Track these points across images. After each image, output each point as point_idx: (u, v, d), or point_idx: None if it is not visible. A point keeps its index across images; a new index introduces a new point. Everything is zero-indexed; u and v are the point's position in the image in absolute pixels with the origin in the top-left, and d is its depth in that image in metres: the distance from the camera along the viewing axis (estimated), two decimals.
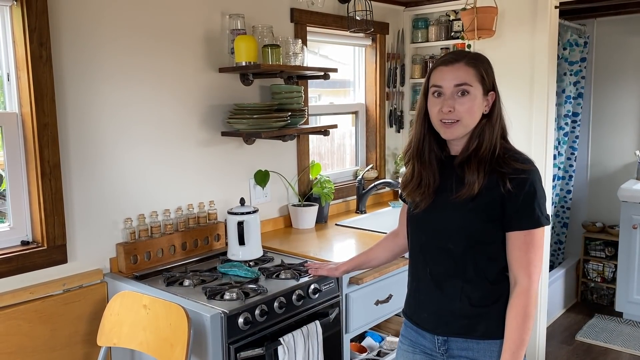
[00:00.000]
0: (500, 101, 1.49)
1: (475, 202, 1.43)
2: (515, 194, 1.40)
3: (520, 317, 1.41)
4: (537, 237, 1.42)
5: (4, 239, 1.87)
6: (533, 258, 1.41)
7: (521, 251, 1.42)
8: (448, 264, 1.50)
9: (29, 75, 1.80)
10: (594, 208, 4.34)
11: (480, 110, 1.46)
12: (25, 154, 1.88)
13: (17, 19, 1.80)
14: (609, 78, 4.17)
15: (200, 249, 2.31)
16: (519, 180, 1.40)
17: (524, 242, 1.41)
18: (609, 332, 3.69)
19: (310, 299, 1.99)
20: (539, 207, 1.42)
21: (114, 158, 2.07)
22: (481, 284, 1.47)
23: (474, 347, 1.47)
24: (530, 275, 1.41)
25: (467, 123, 1.45)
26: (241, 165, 2.55)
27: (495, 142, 1.45)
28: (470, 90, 1.44)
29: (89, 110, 1.99)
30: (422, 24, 3.36)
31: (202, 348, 1.71)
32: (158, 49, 2.17)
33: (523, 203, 1.40)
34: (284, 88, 2.55)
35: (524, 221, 1.41)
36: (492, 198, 1.42)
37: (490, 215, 1.43)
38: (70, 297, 1.94)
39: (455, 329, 1.50)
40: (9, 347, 1.79)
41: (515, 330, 1.41)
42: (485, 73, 1.46)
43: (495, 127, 1.46)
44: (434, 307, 1.53)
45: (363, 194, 3.10)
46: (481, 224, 1.44)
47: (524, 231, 1.41)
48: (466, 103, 1.43)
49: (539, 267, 1.44)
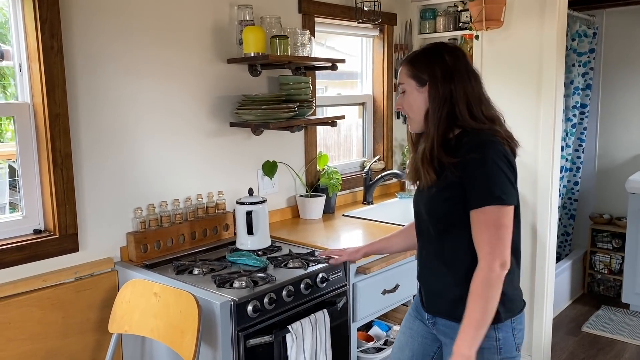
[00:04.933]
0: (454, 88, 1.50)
1: (438, 187, 1.51)
2: (465, 176, 1.45)
3: (476, 297, 1.43)
4: (491, 215, 1.43)
5: (17, 228, 1.90)
6: (489, 237, 1.43)
7: (477, 230, 1.45)
8: (430, 247, 1.61)
9: (41, 66, 1.83)
10: (601, 200, 4.33)
11: (419, 103, 1.55)
12: (37, 144, 1.91)
13: (28, 10, 1.82)
14: (617, 69, 4.15)
15: (209, 239, 2.34)
16: (466, 162, 1.45)
17: (478, 221, 1.45)
18: (616, 323, 3.69)
19: (318, 287, 2.02)
20: (488, 186, 1.43)
21: (125, 148, 2.10)
22: (460, 268, 1.52)
23: (456, 328, 1.49)
24: (486, 255, 1.43)
25: (414, 117, 1.58)
26: (249, 155, 2.57)
27: (434, 132, 1.50)
28: (405, 87, 1.58)
29: (99, 100, 2.01)
30: (430, 15, 3.36)
31: (212, 335, 1.73)
32: (167, 40, 2.18)
33: (473, 183, 1.45)
34: (291, 79, 2.56)
35: (474, 200, 1.45)
36: (449, 181, 1.48)
37: (451, 198, 1.49)
38: (81, 285, 1.97)
39: (440, 310, 1.60)
40: (22, 334, 1.83)
41: (471, 310, 1.43)
42: (418, 69, 1.55)
43: (433, 118, 1.51)
44: (425, 288, 1.67)
45: (370, 185, 3.11)
46: (444, 207, 1.51)
47: (476, 210, 1.44)
48: (405, 99, 1.59)
49: (498, 247, 1.42)
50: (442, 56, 1.54)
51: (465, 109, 1.50)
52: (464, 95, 1.51)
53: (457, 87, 1.51)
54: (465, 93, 1.51)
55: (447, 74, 1.51)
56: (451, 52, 1.55)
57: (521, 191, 3.20)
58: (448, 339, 1.57)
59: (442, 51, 1.55)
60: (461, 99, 1.50)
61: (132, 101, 2.10)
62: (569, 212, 4.25)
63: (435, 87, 1.51)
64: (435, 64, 1.53)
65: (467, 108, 1.50)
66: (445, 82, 1.51)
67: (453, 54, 1.55)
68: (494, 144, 1.47)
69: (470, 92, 1.52)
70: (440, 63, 1.53)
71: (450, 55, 1.54)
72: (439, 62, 1.53)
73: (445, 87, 1.51)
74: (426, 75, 1.53)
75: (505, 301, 1.48)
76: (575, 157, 4.15)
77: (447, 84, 1.51)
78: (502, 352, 1.52)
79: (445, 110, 1.50)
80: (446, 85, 1.51)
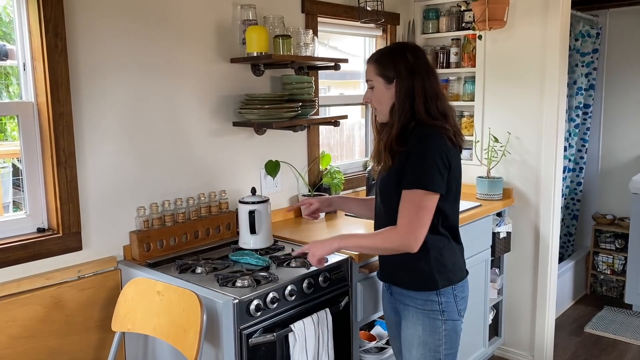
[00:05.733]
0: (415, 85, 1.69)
1: (391, 171, 1.74)
2: (407, 162, 1.66)
3: (373, 236, 1.75)
4: (416, 197, 1.64)
5: (21, 226, 1.91)
6: (410, 213, 1.65)
7: (403, 205, 1.67)
8: (381, 221, 1.83)
9: (45, 65, 1.83)
10: (604, 200, 4.32)
11: (387, 98, 1.74)
12: (41, 143, 1.92)
13: (33, 9, 1.83)
14: (621, 69, 4.14)
15: (211, 238, 2.34)
16: (413, 151, 1.66)
17: (406, 199, 1.66)
18: (618, 324, 3.69)
19: (321, 287, 2.02)
20: (424, 174, 1.64)
21: (128, 147, 2.10)
22: None
23: (405, 294, 1.82)
24: (403, 226, 1.65)
25: (381, 110, 1.78)
26: (252, 155, 2.57)
27: (395, 123, 1.71)
28: (373, 84, 1.77)
29: (103, 99, 2.01)
30: (433, 15, 3.36)
31: (215, 333, 1.74)
32: (171, 39, 2.19)
33: (412, 169, 1.66)
34: (294, 79, 2.56)
35: (408, 183, 1.66)
36: (400, 169, 1.69)
37: (397, 180, 1.70)
38: (84, 283, 1.98)
39: (389, 278, 1.90)
40: (25, 332, 1.84)
41: (365, 236, 1.84)
42: (384, 67, 1.73)
43: (398, 111, 1.70)
44: (379, 259, 1.94)
45: (372, 185, 3.11)
46: (392, 189, 1.72)
47: (407, 190, 1.66)
48: (374, 94, 1.78)
49: (416, 224, 1.64)
50: (405, 55, 1.72)
51: (422, 105, 1.69)
52: (422, 91, 1.69)
53: (417, 83, 1.69)
54: (424, 89, 1.70)
55: (410, 71, 1.70)
56: (413, 51, 1.74)
57: (524, 191, 3.22)
58: (401, 304, 1.85)
59: (405, 50, 1.74)
60: (419, 95, 1.69)
61: (136, 100, 2.11)
62: (571, 213, 4.24)
63: (401, 84, 1.70)
64: (399, 62, 1.71)
65: (423, 104, 1.70)
66: (408, 78, 1.70)
67: (414, 52, 1.73)
68: (436, 138, 1.67)
69: (428, 89, 1.70)
70: (405, 61, 1.71)
71: (412, 54, 1.73)
72: (403, 60, 1.71)
73: (409, 84, 1.69)
74: (392, 72, 1.72)
75: (444, 271, 1.77)
76: (578, 158, 4.14)
77: (409, 80, 1.69)
78: (445, 314, 1.78)
79: (407, 105, 1.70)
80: (409, 81, 1.69)
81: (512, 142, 3.07)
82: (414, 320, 1.80)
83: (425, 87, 1.70)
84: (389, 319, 2.01)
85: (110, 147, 2.05)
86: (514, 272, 3.18)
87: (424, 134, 1.68)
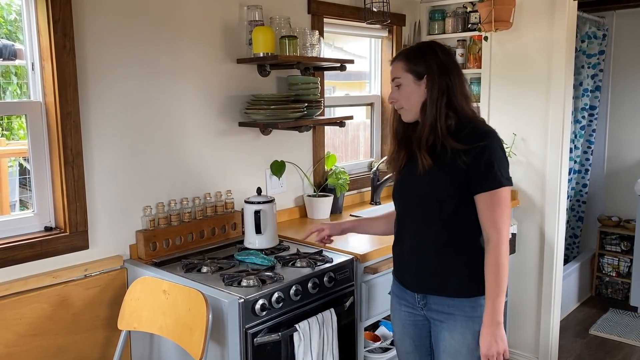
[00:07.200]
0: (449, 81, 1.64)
1: (443, 171, 1.63)
2: (475, 162, 1.59)
3: (494, 268, 1.59)
4: (501, 196, 1.59)
5: (28, 225, 1.93)
6: (500, 215, 1.59)
7: (488, 210, 1.60)
8: (424, 228, 1.70)
9: (53, 65, 1.85)
10: (610, 202, 4.31)
11: (416, 95, 1.66)
12: (48, 142, 1.93)
13: (41, 9, 1.84)
14: (627, 71, 4.13)
15: (217, 237, 2.35)
16: (477, 150, 1.58)
17: (490, 203, 1.59)
18: (624, 326, 3.68)
19: (326, 287, 2.02)
20: (499, 171, 1.59)
21: (135, 147, 2.11)
22: (452, 246, 1.67)
23: (450, 303, 1.68)
24: (499, 231, 1.59)
25: (409, 108, 1.69)
26: (258, 155, 2.58)
27: (435, 120, 1.62)
28: (401, 81, 1.69)
29: (110, 99, 2.03)
30: (439, 16, 3.35)
31: (220, 333, 1.75)
32: (177, 40, 2.20)
33: (484, 169, 1.59)
34: (300, 79, 2.57)
35: (486, 184, 1.59)
36: (456, 167, 1.60)
37: (456, 182, 1.62)
38: (91, 282, 1.99)
39: (431, 287, 1.72)
40: (33, 330, 1.85)
41: (491, 281, 1.60)
42: (414, 63, 1.66)
43: (433, 109, 1.63)
44: (413, 268, 1.75)
45: (378, 186, 3.11)
46: (448, 189, 1.63)
47: (488, 192, 1.59)
48: (401, 93, 1.69)
49: (507, 223, 1.61)
50: (435, 51, 1.68)
51: (464, 100, 1.66)
52: (459, 88, 1.65)
53: (452, 80, 1.64)
54: (460, 86, 1.66)
55: (442, 68, 1.64)
56: (443, 49, 1.70)
57: (530, 193, 3.22)
58: (442, 314, 1.70)
59: (435, 47, 1.70)
60: (458, 92, 1.65)
61: (143, 100, 2.12)
62: (577, 214, 4.23)
63: (433, 80, 1.64)
64: (430, 58, 1.66)
65: (464, 100, 1.66)
66: (441, 75, 1.64)
67: (444, 50, 1.70)
68: (495, 133, 1.64)
69: (462, 86, 1.67)
70: (435, 58, 1.66)
71: (442, 51, 1.69)
72: (433, 57, 1.66)
73: (442, 80, 1.64)
74: (422, 68, 1.65)
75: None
76: (584, 159, 4.13)
77: (443, 77, 1.64)
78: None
79: (444, 101, 1.63)
80: (443, 78, 1.64)
81: (517, 143, 3.07)
82: (461, 330, 1.67)
83: (461, 84, 1.66)
84: (405, 332, 1.83)
85: (117, 146, 2.06)
86: (519, 274, 3.17)
87: (482, 129, 1.63)
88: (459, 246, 1.67)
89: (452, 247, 1.67)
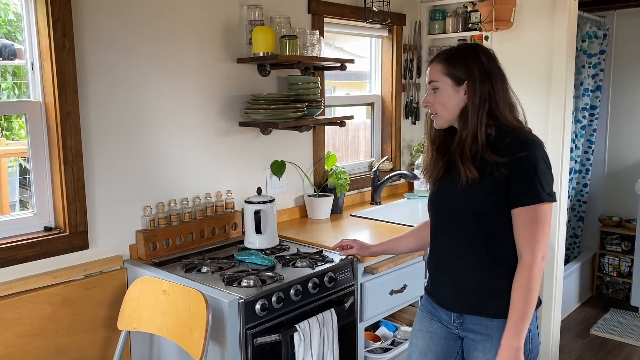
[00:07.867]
0: (491, 88, 1.53)
1: (482, 183, 1.51)
2: (514, 174, 1.47)
3: (523, 290, 1.47)
4: (540, 213, 1.46)
5: (28, 225, 1.92)
6: (536, 233, 1.46)
7: (524, 226, 1.48)
8: (462, 243, 1.58)
9: (53, 64, 1.84)
10: (610, 202, 4.30)
11: (454, 101, 1.55)
12: (48, 142, 1.93)
13: (41, 9, 1.84)
14: (628, 71, 4.12)
15: (217, 237, 2.35)
16: (516, 161, 1.47)
17: (527, 218, 1.47)
18: (624, 326, 3.67)
19: (326, 287, 2.02)
20: (540, 184, 1.47)
21: (135, 147, 2.11)
22: (492, 263, 1.55)
23: (488, 324, 1.56)
24: (533, 250, 1.47)
25: (443, 114, 1.58)
26: (258, 155, 2.58)
27: (476, 130, 1.52)
28: (439, 85, 1.57)
29: (110, 99, 2.02)
30: (439, 15, 3.35)
31: (220, 333, 1.74)
32: (178, 39, 2.20)
33: (523, 181, 1.47)
34: (300, 79, 2.57)
35: (524, 198, 1.47)
36: (495, 179, 1.49)
37: (495, 195, 1.50)
38: (91, 282, 1.99)
39: (469, 307, 1.59)
40: (33, 330, 1.85)
41: (517, 302, 1.47)
42: (454, 67, 1.55)
43: (473, 117, 1.52)
44: (450, 285, 1.63)
45: (378, 185, 3.11)
46: (487, 203, 1.51)
47: (525, 207, 1.47)
48: (437, 97, 1.57)
49: (543, 242, 1.47)
50: (478, 55, 1.56)
51: (507, 109, 1.54)
52: (502, 95, 1.54)
53: (495, 87, 1.53)
54: (503, 93, 1.55)
55: (485, 74, 1.53)
56: (486, 53, 1.57)
57: None
58: (478, 335, 1.58)
59: (478, 51, 1.57)
60: (501, 100, 1.54)
61: (143, 100, 2.12)
62: (578, 214, 4.22)
63: (474, 86, 1.53)
64: (472, 63, 1.54)
65: (508, 108, 1.55)
66: (483, 81, 1.53)
67: (488, 55, 1.57)
68: (539, 144, 1.52)
69: (506, 93, 1.56)
70: (478, 62, 1.54)
71: (486, 55, 1.56)
72: (475, 61, 1.54)
73: (484, 87, 1.52)
74: (463, 73, 1.54)
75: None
76: (584, 159, 4.13)
77: (485, 83, 1.53)
78: (532, 342, 1.56)
79: (485, 110, 1.52)
80: (485, 85, 1.53)
81: None
82: (495, 352, 1.52)
83: (504, 91, 1.55)
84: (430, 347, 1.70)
85: (116, 146, 2.06)
86: None
87: (524, 140, 1.51)
88: (500, 264, 1.54)
89: (493, 264, 1.55)
